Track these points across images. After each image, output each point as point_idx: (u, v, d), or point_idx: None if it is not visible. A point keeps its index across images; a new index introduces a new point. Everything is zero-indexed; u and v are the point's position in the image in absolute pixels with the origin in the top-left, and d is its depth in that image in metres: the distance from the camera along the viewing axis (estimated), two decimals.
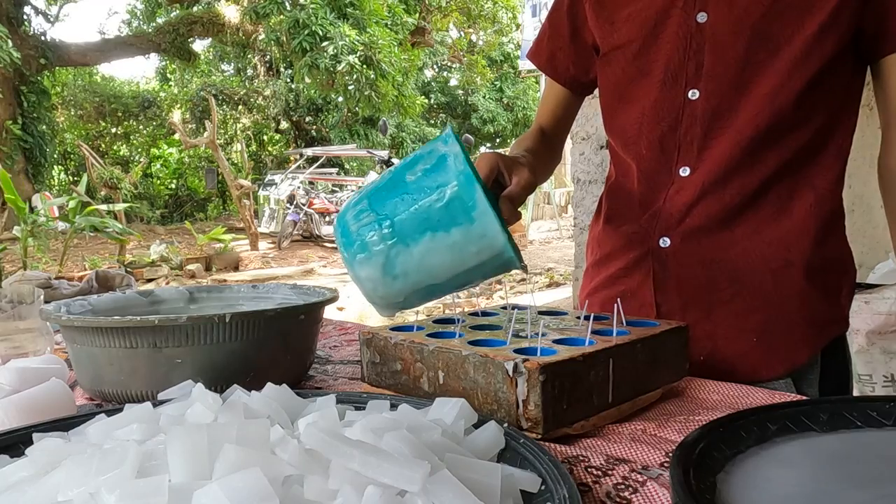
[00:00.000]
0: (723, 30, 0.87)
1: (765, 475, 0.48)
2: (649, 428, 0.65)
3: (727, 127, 0.88)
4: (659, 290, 0.95)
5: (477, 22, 15.82)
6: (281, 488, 0.41)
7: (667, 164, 0.93)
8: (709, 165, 0.90)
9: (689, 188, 0.92)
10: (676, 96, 0.91)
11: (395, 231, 0.65)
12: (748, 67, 0.86)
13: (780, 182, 0.90)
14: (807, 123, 0.88)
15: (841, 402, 0.57)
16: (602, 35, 1.00)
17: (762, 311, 0.91)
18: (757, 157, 0.88)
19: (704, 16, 0.88)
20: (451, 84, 20.03)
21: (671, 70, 0.91)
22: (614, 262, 1.01)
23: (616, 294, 0.97)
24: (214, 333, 0.72)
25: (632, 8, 0.94)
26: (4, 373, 0.75)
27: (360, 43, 10.53)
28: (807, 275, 0.90)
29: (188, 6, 13.02)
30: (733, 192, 0.90)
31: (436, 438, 0.48)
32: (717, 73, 0.88)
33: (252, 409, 0.54)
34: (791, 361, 0.92)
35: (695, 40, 0.89)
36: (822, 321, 0.93)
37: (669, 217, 0.93)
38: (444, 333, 0.74)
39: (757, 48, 0.86)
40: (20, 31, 11.03)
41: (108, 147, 16.20)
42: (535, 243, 11.19)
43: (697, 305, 0.93)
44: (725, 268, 0.91)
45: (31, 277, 1.38)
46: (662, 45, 0.91)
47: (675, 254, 0.93)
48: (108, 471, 0.40)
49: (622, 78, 0.97)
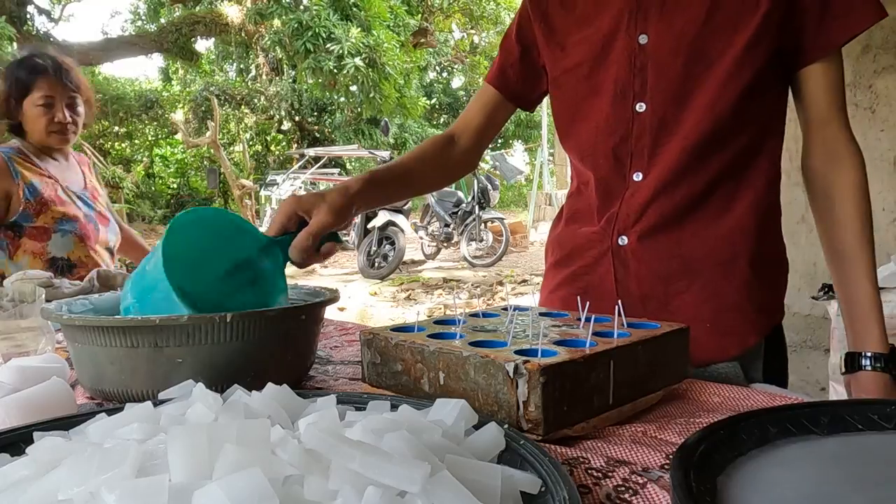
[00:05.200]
0: (663, 49, 0.96)
1: (765, 477, 0.48)
2: (650, 430, 0.65)
3: (673, 135, 0.97)
4: (620, 285, 1.03)
5: (479, 23, 15.83)
6: (281, 488, 0.41)
7: (621, 171, 1.02)
8: (659, 170, 0.98)
9: (643, 191, 1.00)
10: (626, 110, 1.00)
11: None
12: (687, 81, 0.95)
13: (724, 183, 0.99)
14: (743, 129, 0.97)
15: (842, 405, 0.57)
16: (553, 59, 1.09)
17: (714, 301, 0.99)
18: (702, 161, 0.97)
19: (646, 37, 0.97)
20: (453, 85, 20.04)
21: (619, 87, 1.00)
22: (576, 261, 1.10)
23: (578, 290, 1.06)
24: (215, 333, 0.72)
25: (581, 34, 1.04)
26: (5, 371, 0.75)
27: (365, 45, 10.54)
28: (751, 267, 0.99)
29: (191, 6, 13.03)
30: (682, 193, 0.98)
31: (436, 439, 0.48)
32: (660, 88, 0.97)
33: (252, 409, 0.54)
34: (742, 345, 1.00)
35: (639, 59, 0.98)
36: (767, 308, 1.02)
37: (626, 218, 1.02)
38: (444, 334, 0.74)
39: (694, 64, 0.95)
40: (23, 31, 11.05)
41: (111, 146, 16.21)
42: (537, 244, 11.19)
43: (656, 297, 1.01)
44: (679, 262, 1.00)
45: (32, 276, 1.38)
46: (611, 66, 1.00)
47: (633, 251, 1.01)
48: (109, 470, 0.40)
49: (574, 97, 1.06)
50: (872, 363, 0.91)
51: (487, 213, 8.99)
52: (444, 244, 9.29)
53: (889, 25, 2.53)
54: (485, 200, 8.98)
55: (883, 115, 2.55)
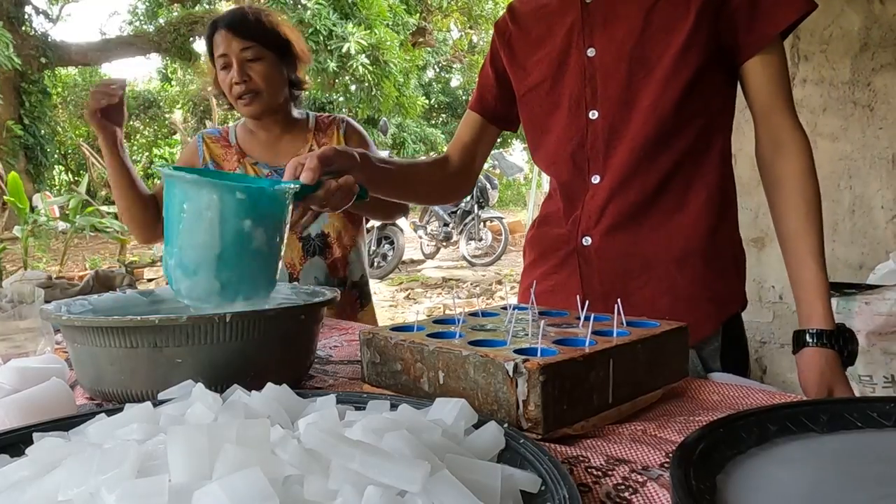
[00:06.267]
0: (607, 59, 1.03)
1: (765, 475, 0.48)
2: (649, 428, 0.65)
3: (623, 138, 1.03)
4: (584, 282, 1.10)
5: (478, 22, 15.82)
6: (281, 488, 0.41)
7: (580, 175, 1.09)
8: (613, 171, 1.05)
9: (601, 193, 1.06)
10: (581, 118, 1.07)
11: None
12: (631, 86, 1.02)
13: (675, 181, 1.04)
14: (688, 127, 1.02)
15: (841, 403, 0.57)
16: (517, 79, 1.17)
17: (670, 294, 1.04)
18: (651, 160, 1.03)
19: (593, 50, 1.05)
20: (452, 84, 20.03)
21: (574, 98, 1.07)
22: (546, 261, 1.17)
23: (548, 288, 1.14)
24: (215, 333, 0.72)
25: (539, 54, 1.12)
26: (5, 372, 0.75)
27: (368, 44, 10.54)
28: (705, 261, 1.04)
29: (189, 6, 13.01)
30: (636, 192, 1.04)
31: (436, 439, 0.48)
32: (608, 95, 1.04)
33: (252, 409, 0.54)
34: (699, 334, 1.03)
35: (588, 71, 1.05)
36: (721, 299, 1.06)
37: (588, 219, 1.08)
38: (444, 334, 0.74)
39: (636, 70, 1.01)
40: (21, 31, 11.04)
41: None
42: None
43: (617, 293, 1.02)
44: (638, 259, 1.06)
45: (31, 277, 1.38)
46: (567, 80, 1.08)
47: (596, 250, 1.08)
48: (109, 470, 0.40)
49: (539, 113, 1.13)
50: (815, 340, 0.92)
51: (486, 212, 8.99)
52: (444, 243, 9.29)
53: (888, 23, 2.53)
54: (484, 200, 8.98)
55: (881, 113, 2.55)
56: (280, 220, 0.81)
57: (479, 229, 8.91)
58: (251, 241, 0.77)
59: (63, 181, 15.07)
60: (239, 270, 0.78)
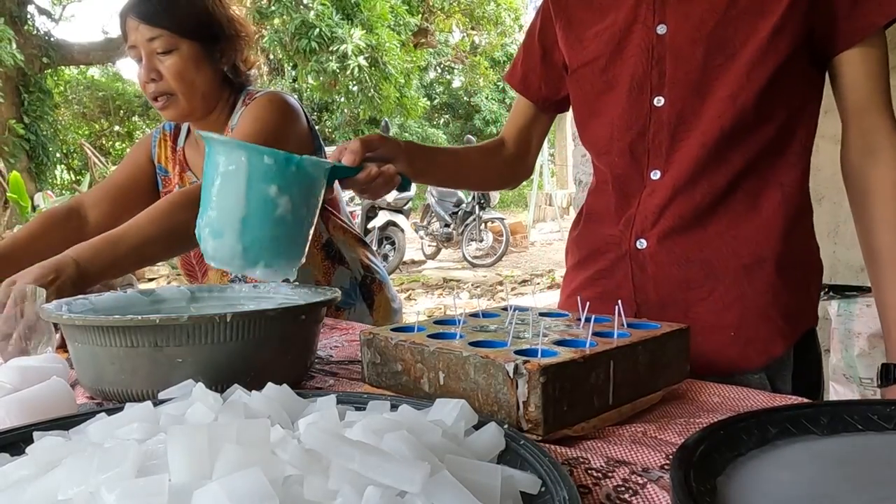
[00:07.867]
0: (681, 39, 0.91)
1: (765, 478, 0.48)
2: (650, 430, 0.65)
3: (692, 129, 0.92)
4: (638, 290, 0.99)
5: (480, 23, 15.83)
6: (281, 488, 0.41)
7: (638, 169, 0.97)
8: (678, 167, 0.93)
9: (660, 190, 0.95)
10: (643, 104, 0.95)
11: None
12: (708, 72, 0.90)
13: (748, 180, 0.93)
14: (768, 122, 0.91)
15: (841, 406, 0.57)
16: (571, 53, 1.05)
17: (737, 306, 0.94)
18: (723, 156, 0.92)
19: (664, 27, 0.92)
20: (454, 85, 20.04)
21: (636, 80, 0.95)
22: (593, 264, 1.05)
23: (596, 294, 1.01)
24: (215, 333, 0.72)
25: (598, 26, 0.99)
26: (5, 371, 0.75)
27: (368, 45, 10.55)
28: (777, 270, 0.93)
29: None
30: (703, 192, 0.93)
31: (436, 439, 0.48)
32: (679, 80, 0.92)
33: (252, 409, 0.54)
34: (768, 354, 0.94)
35: (656, 51, 0.93)
36: (794, 314, 0.96)
37: (644, 219, 0.97)
38: (444, 334, 0.74)
39: (714, 54, 0.89)
40: (24, 31, 11.05)
41: (111, 146, 16.22)
42: (537, 244, 11.19)
43: (675, 304, 0.96)
44: (700, 266, 0.95)
45: None
46: (627, 58, 0.96)
47: (651, 255, 0.96)
48: (109, 470, 0.40)
49: (591, 92, 1.02)
50: None
51: (487, 213, 9.00)
52: (445, 244, 9.30)
53: None
54: (485, 200, 8.98)
55: None
56: (308, 193, 0.82)
57: (479, 230, 8.92)
58: (276, 208, 0.78)
59: (65, 180, 15.07)
60: (262, 236, 0.79)
